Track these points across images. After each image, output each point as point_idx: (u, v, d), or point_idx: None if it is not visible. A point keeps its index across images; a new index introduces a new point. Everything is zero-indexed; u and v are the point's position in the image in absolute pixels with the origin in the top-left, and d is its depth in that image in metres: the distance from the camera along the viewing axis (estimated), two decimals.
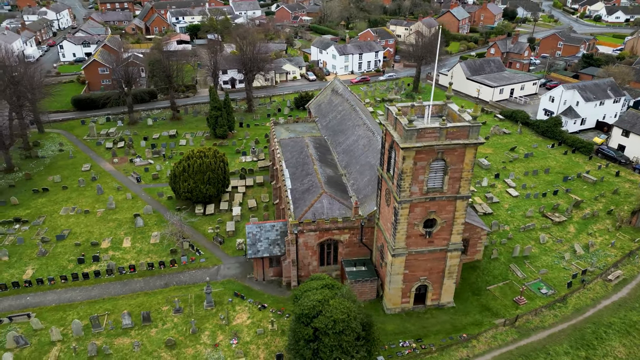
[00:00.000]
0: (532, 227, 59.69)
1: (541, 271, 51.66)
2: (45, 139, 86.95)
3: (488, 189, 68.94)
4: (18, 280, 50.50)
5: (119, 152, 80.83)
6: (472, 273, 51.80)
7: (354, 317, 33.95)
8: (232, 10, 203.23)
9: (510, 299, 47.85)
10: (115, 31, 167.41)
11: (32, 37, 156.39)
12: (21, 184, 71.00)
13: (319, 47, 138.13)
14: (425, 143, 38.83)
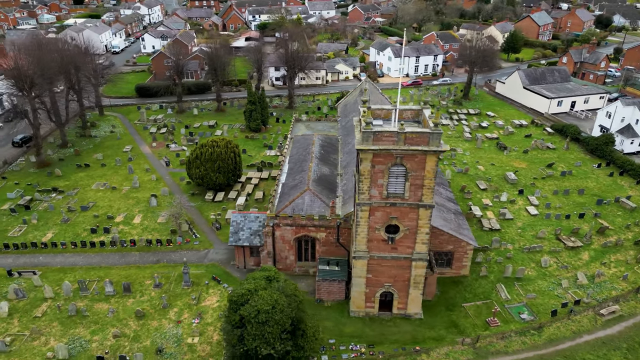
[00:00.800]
0: (538, 248, 55.61)
1: (529, 295, 48.17)
2: (102, 120, 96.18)
3: (505, 205, 65.06)
4: (37, 241, 57.11)
5: (159, 137, 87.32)
6: (453, 288, 49.69)
7: (279, 310, 34.58)
8: (306, 9, 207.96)
9: (484, 319, 45.31)
10: (194, 26, 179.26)
11: (122, 30, 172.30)
12: (70, 158, 79.52)
13: (377, 48, 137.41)
14: (382, 147, 38.24)
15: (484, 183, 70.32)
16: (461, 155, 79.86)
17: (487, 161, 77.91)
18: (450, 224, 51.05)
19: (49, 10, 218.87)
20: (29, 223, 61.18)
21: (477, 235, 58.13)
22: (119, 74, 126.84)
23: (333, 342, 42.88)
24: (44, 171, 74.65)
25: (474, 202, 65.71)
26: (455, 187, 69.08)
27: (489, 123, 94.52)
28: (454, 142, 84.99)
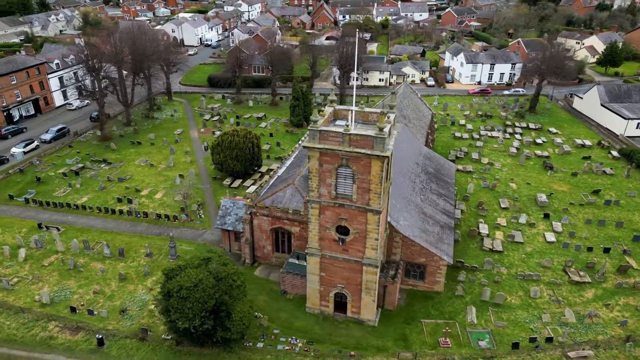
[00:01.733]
0: (535, 277, 50.89)
1: (498, 323, 44.61)
2: (168, 105, 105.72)
3: (521, 227, 60.09)
4: (72, 203, 65.52)
5: (208, 124, 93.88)
6: (422, 302, 47.74)
7: (202, 289, 36.68)
8: (398, 11, 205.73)
9: (437, 338, 43.09)
10: (283, 24, 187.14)
11: (219, 25, 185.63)
12: (128, 136, 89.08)
13: (452, 53, 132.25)
14: (327, 146, 38.37)
15: (507, 202, 65.47)
16: (496, 170, 74.82)
17: (524, 179, 72.08)
18: (429, 236, 49.00)
19: (166, 4, 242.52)
20: (72, 187, 70.28)
21: (473, 254, 54.94)
22: (201, 64, 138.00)
23: (277, 332, 44.01)
24: (103, 144, 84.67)
25: (487, 220, 61.63)
26: (473, 202, 65.29)
27: (546, 140, 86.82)
28: (496, 156, 79.75)
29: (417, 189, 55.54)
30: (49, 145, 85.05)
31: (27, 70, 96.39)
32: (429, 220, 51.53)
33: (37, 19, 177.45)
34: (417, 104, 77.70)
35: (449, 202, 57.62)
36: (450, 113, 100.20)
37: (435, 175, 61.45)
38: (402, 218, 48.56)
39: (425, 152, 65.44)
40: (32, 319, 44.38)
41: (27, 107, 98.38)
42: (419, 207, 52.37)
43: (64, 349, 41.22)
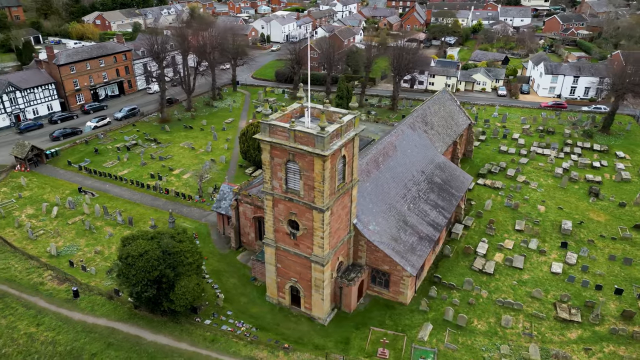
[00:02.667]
0: (515, 306, 46.84)
1: (448, 345, 42.09)
2: (231, 95, 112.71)
3: (527, 252, 55.27)
4: (113, 174, 73.75)
5: (258, 116, 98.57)
6: (381, 310, 46.67)
7: (146, 259, 40.06)
8: (496, 15, 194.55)
9: (377, 348, 41.99)
10: (370, 24, 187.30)
11: (309, 23, 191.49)
12: (185, 120, 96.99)
13: (534, 62, 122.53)
14: (275, 140, 39.53)
15: (523, 224, 60.36)
16: (529, 190, 68.93)
17: (557, 203, 65.62)
18: (399, 245, 47.54)
19: (269, 2, 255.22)
20: (120, 160, 78.99)
21: (459, 272, 52.11)
22: (277, 60, 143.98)
23: (230, 314, 46.21)
24: (160, 126, 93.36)
25: (493, 240, 57.56)
26: (485, 220, 61.24)
27: (607, 164, 77.51)
28: (536, 175, 73.32)
29: (410, 196, 53.85)
30: (119, 122, 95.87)
31: (115, 55, 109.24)
32: (407, 229, 49.87)
33: (151, 12, 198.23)
34: (452, 111, 74.27)
35: (443, 214, 54.93)
36: (508, 125, 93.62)
37: (440, 186, 58.80)
38: (373, 223, 47.76)
39: (441, 162, 62.68)
40: (35, 266, 51.70)
41: (113, 87, 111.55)
42: (401, 215, 50.88)
43: (47, 294, 47.57)
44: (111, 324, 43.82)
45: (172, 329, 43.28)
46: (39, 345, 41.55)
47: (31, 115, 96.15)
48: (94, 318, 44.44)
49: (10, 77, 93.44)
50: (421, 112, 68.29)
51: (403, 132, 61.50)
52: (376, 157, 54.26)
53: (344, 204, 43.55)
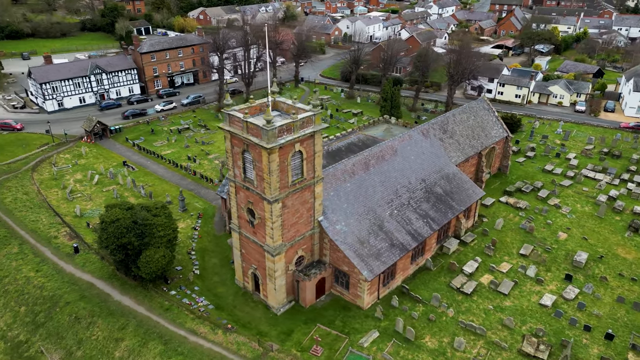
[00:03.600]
0: (478, 330, 43.77)
1: (385, 355, 40.84)
2: (291, 91, 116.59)
3: (521, 278, 50.95)
4: (157, 152, 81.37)
5: None
6: (336, 310, 46.73)
7: (116, 226, 44.63)
8: (610, 24, 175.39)
9: (313, 344, 42.25)
10: (462, 28, 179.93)
11: (397, 24, 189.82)
12: None
13: (627, 77, 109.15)
14: (233, 129, 41.65)
15: (531, 249, 55.51)
16: (558, 215, 62.78)
17: (584, 233, 59.09)
18: (365, 248, 46.92)
19: (367, 2, 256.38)
20: (169, 141, 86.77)
21: (434, 287, 49.93)
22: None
23: (197, 290, 49.49)
24: (215, 114, 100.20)
25: (489, 260, 53.90)
26: (489, 239, 57.36)
27: None
28: (573, 200, 66.39)
29: (397, 203, 52.56)
30: (183, 107, 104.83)
31: (193, 47, 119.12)
32: (380, 235, 48.92)
33: (250, 9, 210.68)
34: (484, 122, 69.97)
35: (430, 225, 52.71)
36: (568, 144, 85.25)
37: (439, 197, 56.33)
38: (343, 223, 47.72)
39: (450, 172, 59.84)
40: (58, 222, 59.73)
41: (188, 76, 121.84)
42: (378, 220, 50.01)
43: (55, 247, 54.91)
44: (92, 280, 49.54)
45: (137, 293, 47.70)
46: (32, 288, 48.53)
47: (114, 95, 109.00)
48: (81, 273, 50.54)
49: (99, 61, 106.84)
50: (442, 119, 65.56)
51: (411, 137, 59.83)
52: (367, 159, 53.74)
53: (303, 200, 44.30)
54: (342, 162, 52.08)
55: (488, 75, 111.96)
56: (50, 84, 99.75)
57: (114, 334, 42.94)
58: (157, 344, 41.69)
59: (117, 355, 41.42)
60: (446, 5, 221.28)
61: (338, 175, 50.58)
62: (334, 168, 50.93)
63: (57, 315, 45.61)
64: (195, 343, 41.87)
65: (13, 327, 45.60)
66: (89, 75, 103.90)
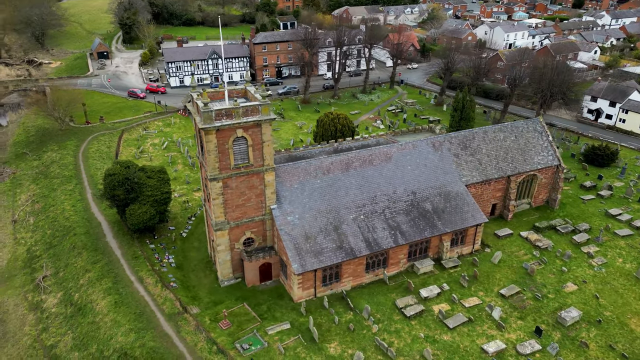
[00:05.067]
0: (388, 352, 41.30)
1: (280, 346, 41.52)
2: (383, 91, 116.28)
3: (481, 318, 45.57)
4: None
5: (381, 113, 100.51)
6: (270, 296, 48.73)
7: (112, 179, 53.09)
8: None
9: (218, 320, 44.95)
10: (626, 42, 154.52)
11: (548, 33, 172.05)
12: (322, 105, 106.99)
13: None
14: (191, 109, 46.32)
15: (516, 291, 48.78)
16: (582, 265, 53.19)
17: (601, 290, 49.35)
18: (308, 243, 47.46)
19: (530, 9, 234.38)
20: None
21: (377, 301, 48.19)
22: None
23: (173, 249, 56.00)
24: (298, 105, 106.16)
25: (459, 291, 49.19)
26: (472, 270, 51.94)
27: None
28: (616, 253, 55.16)
29: (369, 209, 51.33)
30: (278, 96, 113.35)
31: (302, 41, 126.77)
32: (332, 235, 48.67)
33: (394, 9, 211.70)
34: (528, 145, 61.86)
35: (395, 238, 50.16)
36: None
37: (424, 213, 52.84)
38: (296, 215, 48.93)
39: (453, 191, 55.23)
40: None
41: (296, 69, 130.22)
42: (338, 221, 49.69)
43: (95, 190, 66.37)
44: (102, 221, 59.85)
45: (123, 239, 56.18)
46: (62, 218, 60.84)
47: (226, 79, 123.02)
48: (99, 214, 61.21)
49: (216, 47, 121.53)
50: (467, 134, 60.39)
51: (414, 147, 56.99)
52: (349, 160, 53.44)
53: (251, 184, 46.95)
54: (319, 159, 52.95)
55: (610, 98, 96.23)
56: (175, 64, 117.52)
57: (87, 266, 51.98)
58: (109, 281, 49.32)
59: (80, 282, 50.26)
60: (623, 16, 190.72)
61: (310, 170, 51.69)
62: (308, 163, 52.18)
63: (64, 241, 56.72)
64: (135, 289, 48.36)
65: (38, 243, 58.15)
66: (207, 59, 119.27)
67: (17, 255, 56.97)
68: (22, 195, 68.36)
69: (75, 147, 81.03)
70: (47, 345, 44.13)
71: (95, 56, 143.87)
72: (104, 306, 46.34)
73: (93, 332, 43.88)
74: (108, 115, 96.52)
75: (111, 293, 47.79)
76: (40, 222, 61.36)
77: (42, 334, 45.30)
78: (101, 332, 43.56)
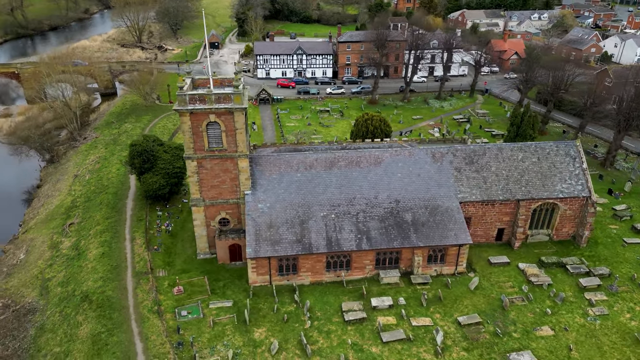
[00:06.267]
0: (305, 347, 41.54)
1: (213, 319, 44.26)
2: (460, 99, 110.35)
3: (418, 337, 43.06)
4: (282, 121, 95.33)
5: (443, 121, 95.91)
6: (232, 276, 51.60)
7: (132, 149, 60.39)
8: None
9: (174, 286, 49.09)
10: None
11: None
12: (387, 107, 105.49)
13: None
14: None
15: (475, 320, 44.81)
16: (574, 312, 46.42)
17: (581, 344, 42.87)
18: (269, 231, 49.24)
19: None
20: (302, 117, 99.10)
21: (325, 300, 48.23)
22: None
23: (176, 219, 61.83)
24: (363, 105, 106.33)
25: (412, 308, 46.80)
26: (437, 290, 48.66)
27: None
28: (626, 307, 46.99)
29: (343, 210, 51.21)
30: (351, 95, 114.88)
31: (388, 43, 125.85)
32: (295, 228, 49.67)
33: (519, 14, 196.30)
34: (553, 169, 55.06)
35: (358, 243, 49.22)
36: None
37: (401, 224, 50.76)
38: (267, 204, 50.95)
39: (443, 206, 51.99)
40: None
41: (382, 70, 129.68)
42: (307, 216, 50.46)
43: None
44: (132, 186, 68.08)
45: (137, 203, 63.74)
46: (105, 179, 70.62)
47: (309, 74, 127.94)
48: (133, 178, 69.49)
49: (302, 43, 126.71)
50: (478, 148, 55.97)
51: (410, 154, 54.84)
52: (334, 159, 53.69)
53: (225, 168, 50.19)
54: (303, 154, 54.18)
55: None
56: (263, 57, 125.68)
57: (100, 220, 60.32)
58: (107, 235, 56.84)
59: (90, 232, 58.63)
60: None
61: (292, 163, 53.30)
62: (292, 156, 53.79)
63: (97, 197, 66.21)
64: (123, 246, 55.11)
65: (81, 196, 68.49)
66: (292, 54, 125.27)
67: (64, 203, 68.08)
68: (91, 156, 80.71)
69: (148, 121, 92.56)
70: (45, 277, 52.89)
71: (208, 46, 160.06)
72: (93, 255, 53.86)
73: (76, 274, 51.47)
74: None
75: (103, 245, 55.20)
76: (92, 180, 72.17)
77: (47, 268, 54.30)
78: (81, 275, 50.90)
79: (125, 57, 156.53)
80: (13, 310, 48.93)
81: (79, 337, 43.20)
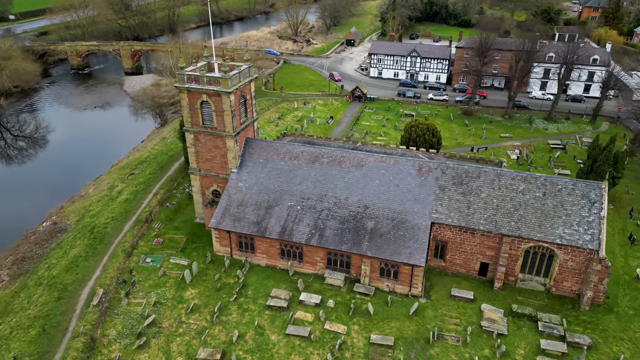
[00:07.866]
0: (214, 320, 45.06)
1: (168, 271, 50.76)
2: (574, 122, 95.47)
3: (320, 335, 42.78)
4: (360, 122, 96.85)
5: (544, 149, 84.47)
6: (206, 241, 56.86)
7: None
8: None
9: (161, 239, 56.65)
10: None
11: None
12: (481, 119, 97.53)
13: None
14: None
15: (388, 343, 42.23)
16: None
17: None
18: (238, 209, 53.35)
19: None
20: (383, 117, 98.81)
21: (266, 284, 50.83)
22: None
23: None
24: (455, 115, 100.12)
25: (334, 316, 46.09)
26: (375, 305, 46.52)
27: None
28: None
29: (310, 203, 52.40)
30: (455, 103, 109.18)
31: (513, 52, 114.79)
32: (260, 211, 52.65)
33: None
34: (558, 210, 46.53)
35: (308, 239, 49.91)
36: None
37: (358, 229, 49.53)
38: (247, 183, 54.99)
39: (412, 223, 48.87)
40: None
41: (500, 80, 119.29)
42: (276, 202, 52.91)
43: None
44: None
45: (180, 167, 73.37)
46: (157, 152, 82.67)
47: (421, 78, 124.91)
48: None
49: (418, 46, 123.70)
50: (472, 171, 50.46)
51: (396, 164, 52.51)
52: (320, 155, 54.74)
53: (215, 144, 55.57)
54: (292, 144, 56.52)
55: None
56: (377, 56, 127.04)
57: (141, 176, 71.91)
58: (141, 187, 67.97)
59: (134, 182, 70.36)
60: None
61: (280, 151, 56.24)
62: (281, 144, 56.68)
63: (157, 158, 78.33)
64: (144, 198, 65.22)
65: (152, 155, 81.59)
66: (406, 56, 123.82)
67: (140, 157, 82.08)
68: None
69: None
70: (88, 209, 66.00)
71: (345, 43, 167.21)
72: (119, 200, 65.27)
73: (103, 210, 63.33)
74: (298, 87, 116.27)
75: (132, 193, 66.21)
76: (166, 144, 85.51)
77: (94, 203, 67.54)
78: (98, 215, 62.38)
79: (276, 47, 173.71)
80: (56, 226, 62.99)
81: (68, 255, 54.27)
